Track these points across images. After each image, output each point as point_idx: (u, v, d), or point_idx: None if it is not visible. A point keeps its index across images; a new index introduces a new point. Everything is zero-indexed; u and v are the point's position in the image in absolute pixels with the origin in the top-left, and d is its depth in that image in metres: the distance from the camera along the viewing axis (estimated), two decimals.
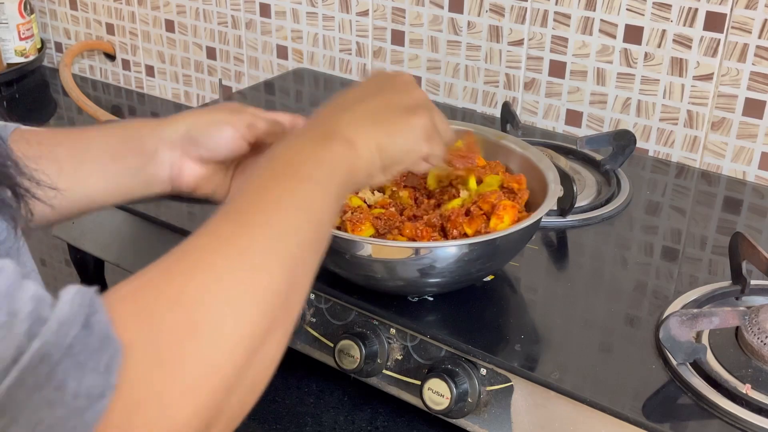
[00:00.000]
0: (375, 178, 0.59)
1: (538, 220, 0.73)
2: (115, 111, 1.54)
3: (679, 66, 1.06)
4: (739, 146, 1.05)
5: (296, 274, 0.47)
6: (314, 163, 0.52)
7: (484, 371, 0.70)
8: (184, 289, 0.41)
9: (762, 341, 0.68)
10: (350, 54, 1.33)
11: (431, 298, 0.76)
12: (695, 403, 0.65)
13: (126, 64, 1.63)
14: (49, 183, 0.51)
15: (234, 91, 1.46)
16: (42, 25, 1.72)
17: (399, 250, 0.70)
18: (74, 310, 0.37)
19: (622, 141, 1.00)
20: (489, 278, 0.80)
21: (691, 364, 0.68)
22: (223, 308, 0.42)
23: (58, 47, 1.73)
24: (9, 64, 1.59)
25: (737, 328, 0.71)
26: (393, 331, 0.75)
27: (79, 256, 1.05)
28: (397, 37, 1.28)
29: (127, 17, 1.58)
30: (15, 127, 0.66)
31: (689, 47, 1.04)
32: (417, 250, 0.69)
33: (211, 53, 1.49)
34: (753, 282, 0.77)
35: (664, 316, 0.71)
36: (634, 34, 1.08)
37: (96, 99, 1.55)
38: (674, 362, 0.68)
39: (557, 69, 1.15)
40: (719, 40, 1.02)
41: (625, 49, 1.09)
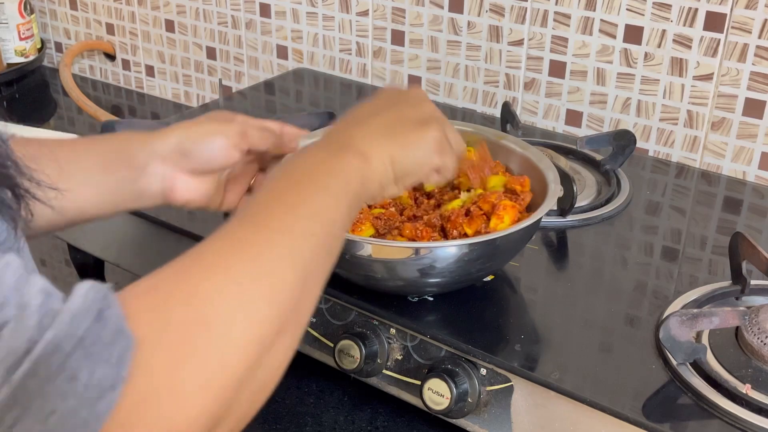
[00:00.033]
0: (388, 189, 0.60)
1: (538, 220, 0.73)
2: (115, 111, 1.54)
3: (679, 66, 1.06)
4: (739, 146, 1.05)
5: (308, 280, 0.48)
6: (329, 173, 0.54)
7: (484, 371, 0.70)
8: (199, 288, 0.42)
9: (762, 341, 0.68)
10: (350, 54, 1.33)
11: (431, 298, 0.76)
12: (695, 403, 0.65)
13: (126, 64, 1.63)
14: (50, 183, 0.51)
15: (234, 91, 1.46)
16: (42, 25, 1.72)
17: (399, 250, 0.70)
18: (88, 303, 0.37)
19: (622, 141, 1.00)
20: (489, 278, 0.80)
21: (691, 364, 0.68)
22: (236, 308, 0.43)
23: (58, 47, 1.73)
24: (9, 64, 1.59)
25: (737, 328, 0.71)
26: (393, 331, 0.75)
27: (79, 256, 1.05)
28: (397, 37, 1.28)
29: (127, 17, 1.58)
30: (10, 135, 0.66)
31: (689, 47, 1.04)
32: (417, 250, 0.69)
33: (211, 53, 1.49)
34: (753, 282, 0.77)
35: (664, 316, 0.71)
36: (634, 34, 1.08)
37: (96, 99, 1.55)
38: (674, 362, 0.68)
39: (557, 69, 1.15)
40: (719, 40, 1.02)
41: (625, 49, 1.09)
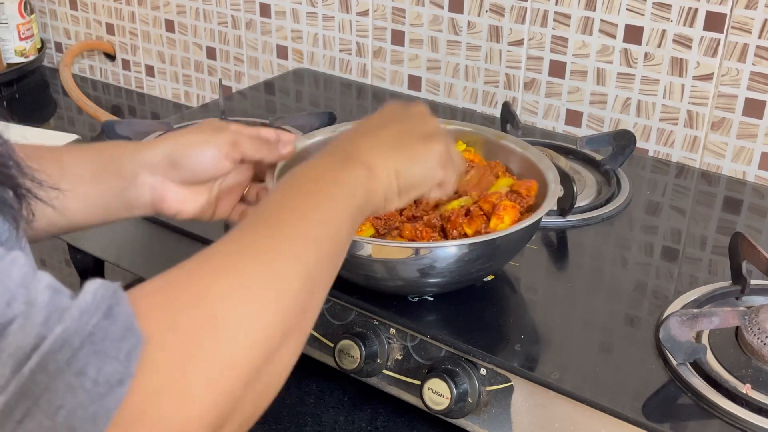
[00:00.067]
0: (391, 202, 0.61)
1: (538, 220, 0.73)
2: (115, 111, 1.54)
3: (679, 66, 1.06)
4: (739, 146, 1.05)
5: (314, 285, 0.49)
6: (337, 183, 0.55)
7: (484, 371, 0.70)
8: (209, 289, 0.43)
9: (762, 341, 0.68)
10: (350, 54, 1.33)
11: (431, 298, 0.76)
12: (695, 403, 0.65)
13: (126, 64, 1.63)
14: (51, 183, 0.51)
15: (234, 91, 1.46)
16: (42, 25, 1.72)
17: (399, 250, 0.70)
18: (97, 300, 0.38)
19: (622, 141, 1.00)
20: (489, 278, 0.80)
21: (691, 364, 0.68)
22: (244, 309, 0.43)
23: (58, 47, 1.73)
24: (9, 64, 1.59)
25: (737, 328, 0.71)
26: (393, 331, 0.75)
27: (79, 257, 1.05)
28: (397, 37, 1.28)
29: (127, 17, 1.58)
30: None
31: (689, 47, 1.04)
32: (417, 250, 0.69)
33: (211, 53, 1.49)
34: (753, 282, 0.77)
35: (664, 316, 0.71)
36: (634, 34, 1.08)
37: (96, 99, 1.55)
38: (674, 362, 0.68)
39: (557, 69, 1.15)
40: (719, 40, 1.02)
41: (625, 49, 1.09)
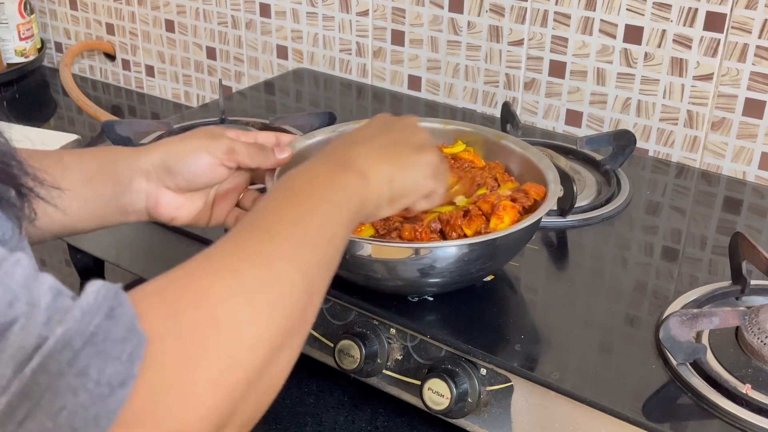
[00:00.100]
0: (382, 210, 0.61)
1: (538, 220, 0.73)
2: (115, 111, 1.54)
3: (679, 66, 1.06)
4: (739, 146, 1.05)
5: (312, 287, 0.49)
6: (332, 188, 0.55)
7: (484, 371, 0.70)
8: (210, 289, 0.43)
9: (762, 341, 0.68)
10: (350, 54, 1.33)
11: (431, 298, 0.76)
12: (695, 403, 0.65)
13: (126, 64, 1.63)
14: (53, 182, 0.51)
15: (234, 91, 1.46)
16: (42, 25, 1.72)
17: (399, 250, 0.70)
18: (99, 300, 0.38)
19: (622, 141, 1.00)
20: (489, 278, 0.80)
21: (691, 364, 0.68)
22: (246, 309, 0.43)
23: (58, 47, 1.73)
24: (9, 64, 1.59)
25: (737, 328, 0.71)
26: (393, 331, 0.75)
27: (79, 257, 1.05)
28: (397, 37, 1.28)
29: (127, 17, 1.58)
30: None
31: (689, 47, 1.04)
32: (417, 251, 0.69)
33: (211, 53, 1.49)
34: (753, 282, 0.77)
35: (664, 316, 0.71)
36: (634, 34, 1.08)
37: (96, 99, 1.55)
38: (674, 362, 0.67)
39: (557, 69, 1.15)
40: (719, 40, 1.02)
41: (625, 49, 1.09)
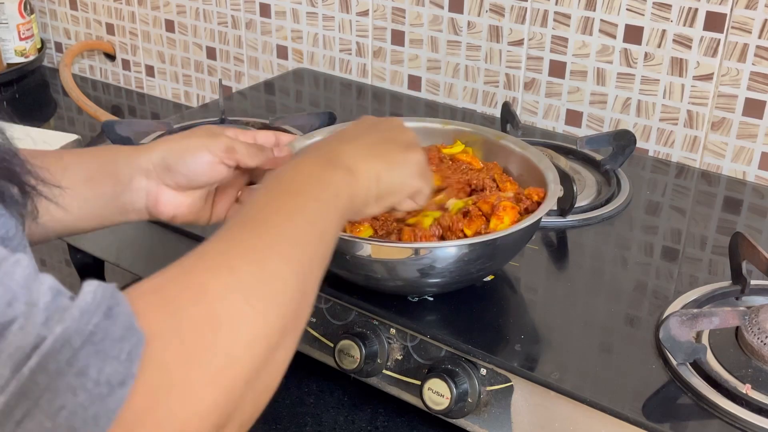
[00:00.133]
0: (369, 207, 0.61)
1: (538, 220, 0.73)
2: (115, 111, 1.54)
3: (679, 66, 1.06)
4: (739, 146, 1.05)
5: (306, 284, 0.49)
6: (321, 185, 0.55)
7: (484, 371, 0.70)
8: (207, 286, 0.43)
9: (762, 341, 0.68)
10: (350, 54, 1.33)
11: (431, 298, 0.76)
12: (695, 403, 0.65)
13: (126, 64, 1.63)
14: (54, 181, 0.51)
15: (234, 91, 1.46)
16: (42, 25, 1.72)
17: (399, 251, 0.70)
18: (97, 300, 0.38)
19: (622, 141, 1.00)
20: (489, 278, 0.80)
21: (691, 364, 0.68)
22: (243, 306, 0.43)
23: (58, 47, 1.73)
24: (9, 64, 1.59)
25: (737, 328, 0.71)
26: (393, 331, 0.75)
27: (79, 257, 1.05)
28: (397, 37, 1.28)
29: (127, 17, 1.58)
30: None
31: (689, 47, 1.04)
32: (417, 251, 0.69)
33: (211, 53, 1.49)
34: (753, 282, 0.77)
35: (664, 316, 0.71)
36: (634, 34, 1.08)
37: (96, 99, 1.55)
38: (674, 362, 0.67)
39: (557, 69, 1.15)
40: (719, 40, 1.02)
41: (625, 49, 1.09)
